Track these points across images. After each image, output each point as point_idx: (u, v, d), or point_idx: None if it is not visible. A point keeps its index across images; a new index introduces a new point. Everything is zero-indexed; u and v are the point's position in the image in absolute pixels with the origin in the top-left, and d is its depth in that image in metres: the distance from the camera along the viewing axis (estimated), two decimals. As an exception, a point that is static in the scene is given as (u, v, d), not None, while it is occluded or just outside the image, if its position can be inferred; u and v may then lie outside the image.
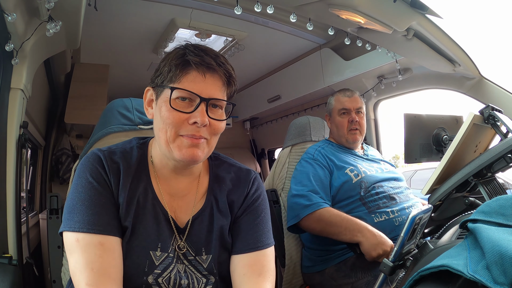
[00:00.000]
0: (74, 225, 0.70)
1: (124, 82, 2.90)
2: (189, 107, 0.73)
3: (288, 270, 1.59)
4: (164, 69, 0.75)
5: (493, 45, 35.94)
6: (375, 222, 1.40)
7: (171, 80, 0.74)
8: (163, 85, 0.75)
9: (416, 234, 0.74)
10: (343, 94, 1.71)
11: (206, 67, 0.73)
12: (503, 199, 0.56)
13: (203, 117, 0.72)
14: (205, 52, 0.75)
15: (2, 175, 1.17)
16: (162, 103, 0.75)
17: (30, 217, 1.91)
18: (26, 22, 1.20)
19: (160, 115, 0.75)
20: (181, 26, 1.92)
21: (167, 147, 0.75)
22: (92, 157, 0.78)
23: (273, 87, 2.87)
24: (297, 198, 1.47)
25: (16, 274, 1.08)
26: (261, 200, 0.88)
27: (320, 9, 1.29)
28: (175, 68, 0.73)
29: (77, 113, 2.36)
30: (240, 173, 0.90)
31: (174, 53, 0.75)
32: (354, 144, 1.66)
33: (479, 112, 1.12)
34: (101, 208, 0.73)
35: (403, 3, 1.25)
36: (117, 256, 0.72)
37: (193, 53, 0.73)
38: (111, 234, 0.72)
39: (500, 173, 1.03)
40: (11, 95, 1.23)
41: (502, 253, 0.44)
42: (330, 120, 1.73)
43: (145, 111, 0.83)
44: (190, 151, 0.74)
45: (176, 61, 0.73)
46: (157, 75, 0.77)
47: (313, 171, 1.53)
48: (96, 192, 0.74)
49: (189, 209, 0.83)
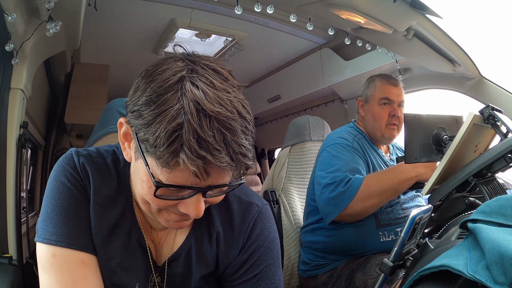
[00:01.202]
0: (50, 237, 0.58)
1: (124, 82, 2.90)
2: (178, 191, 0.54)
3: (286, 270, 1.59)
4: (148, 135, 0.49)
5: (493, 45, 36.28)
6: (381, 241, 1.30)
7: (155, 157, 0.49)
8: (145, 153, 0.51)
9: (416, 234, 0.73)
10: (387, 80, 1.48)
11: (211, 167, 0.49)
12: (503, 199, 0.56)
13: (197, 210, 0.54)
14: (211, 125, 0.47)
15: (2, 175, 1.17)
16: (143, 175, 0.54)
17: (30, 217, 1.91)
18: (26, 22, 1.20)
19: (139, 181, 0.56)
20: (181, 26, 1.92)
21: (150, 214, 0.60)
22: (66, 159, 0.65)
23: (273, 87, 2.87)
24: (331, 186, 1.27)
25: (16, 274, 1.08)
26: (265, 248, 0.67)
27: (320, 9, 1.29)
28: (166, 156, 0.48)
29: (77, 113, 2.36)
30: (238, 209, 0.68)
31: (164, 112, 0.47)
32: (390, 141, 1.49)
33: (479, 112, 1.12)
34: (80, 222, 0.60)
35: (403, 3, 1.25)
36: (100, 278, 0.61)
37: (195, 140, 0.46)
38: (93, 253, 0.61)
39: (500, 173, 1.03)
40: (11, 95, 1.23)
41: (502, 253, 0.44)
42: (365, 107, 1.51)
43: (121, 145, 0.60)
44: (178, 224, 0.59)
45: (166, 146, 0.47)
46: (135, 120, 0.51)
47: (352, 158, 1.34)
48: (75, 200, 0.61)
49: (168, 244, 0.68)
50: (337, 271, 1.38)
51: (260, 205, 0.70)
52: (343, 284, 1.35)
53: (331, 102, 2.67)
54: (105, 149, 0.69)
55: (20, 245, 1.23)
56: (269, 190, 1.70)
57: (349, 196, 1.23)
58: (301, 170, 1.77)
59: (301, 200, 1.74)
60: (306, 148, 1.78)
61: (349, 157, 1.35)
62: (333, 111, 2.66)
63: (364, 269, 1.30)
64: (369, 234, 1.32)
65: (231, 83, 0.53)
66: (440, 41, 1.45)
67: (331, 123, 1.99)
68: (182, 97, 0.48)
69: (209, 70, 0.52)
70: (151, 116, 0.48)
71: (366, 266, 1.31)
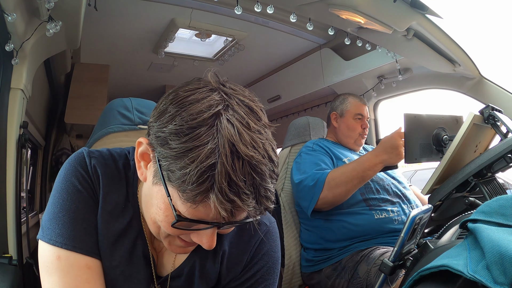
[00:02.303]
0: (56, 238, 0.57)
1: (124, 82, 2.90)
2: (195, 224, 0.52)
3: (287, 270, 1.59)
4: (175, 168, 0.47)
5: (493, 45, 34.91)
6: (375, 218, 1.41)
7: (179, 191, 0.48)
8: (168, 182, 0.50)
9: (416, 234, 0.73)
10: (359, 99, 1.76)
11: (237, 209, 0.48)
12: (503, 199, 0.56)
13: (209, 242, 0.53)
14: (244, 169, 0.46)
15: (2, 175, 1.17)
16: (160, 203, 0.53)
17: (30, 217, 1.91)
18: (26, 22, 1.20)
19: (155, 208, 0.54)
20: (181, 26, 1.92)
21: (156, 236, 0.60)
22: (77, 158, 0.63)
23: (273, 87, 2.87)
24: (302, 184, 1.47)
25: (16, 274, 1.08)
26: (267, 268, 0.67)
27: (320, 9, 1.29)
28: (193, 194, 0.46)
29: (77, 113, 2.36)
30: (244, 228, 0.67)
31: (197, 149, 0.45)
32: (359, 147, 1.73)
33: (479, 112, 1.12)
34: (88, 225, 0.60)
35: (403, 3, 1.25)
36: (103, 284, 0.60)
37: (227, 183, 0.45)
38: (98, 258, 0.60)
39: (500, 173, 1.03)
40: (11, 95, 1.23)
41: (502, 253, 0.44)
42: (339, 120, 1.74)
43: (136, 163, 0.58)
44: (182, 250, 0.60)
45: (196, 184, 0.45)
46: (161, 147, 0.49)
47: (314, 158, 1.53)
48: (84, 203, 0.60)
49: (171, 255, 0.67)
50: (342, 263, 1.41)
51: (268, 224, 0.69)
52: (347, 276, 1.36)
53: (331, 102, 2.67)
54: (117, 151, 0.67)
55: (20, 245, 1.23)
56: (269, 190, 1.70)
57: (318, 189, 1.39)
58: (301, 170, 1.77)
59: (301, 200, 1.74)
60: (306, 148, 1.78)
61: (310, 159, 1.54)
62: (333, 111, 2.66)
63: (367, 260, 1.32)
64: (364, 214, 1.42)
65: (264, 123, 0.51)
66: (440, 41, 1.45)
67: (331, 123, 1.99)
68: (217, 135, 0.46)
69: (244, 107, 0.50)
70: (181, 150, 0.46)
71: (369, 257, 1.33)
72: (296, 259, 1.61)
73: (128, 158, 0.67)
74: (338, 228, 1.44)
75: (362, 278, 1.30)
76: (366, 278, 1.28)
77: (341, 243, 1.44)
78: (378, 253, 1.32)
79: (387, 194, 1.49)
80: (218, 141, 0.45)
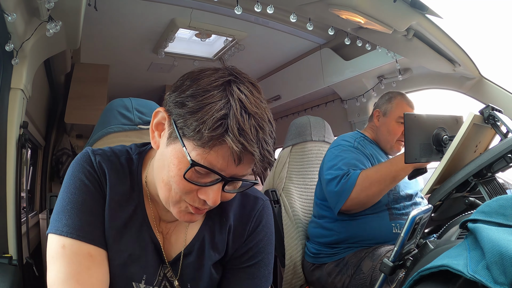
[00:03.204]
0: (62, 229, 0.62)
1: (124, 82, 2.90)
2: (204, 178, 0.60)
3: (288, 270, 1.59)
4: (191, 121, 0.56)
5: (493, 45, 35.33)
6: (393, 232, 1.39)
7: (195, 143, 0.56)
8: (182, 135, 0.58)
9: (416, 234, 0.73)
10: (407, 102, 1.61)
11: (245, 153, 0.56)
12: (503, 199, 0.56)
13: (215, 197, 0.60)
14: (251, 124, 0.56)
15: (2, 175, 1.17)
16: (173, 157, 0.60)
17: (30, 217, 1.91)
18: (26, 22, 1.20)
19: (167, 167, 0.61)
20: (181, 26, 1.92)
21: (166, 202, 0.65)
22: (84, 156, 0.69)
23: (273, 87, 2.87)
24: (335, 180, 1.41)
25: (16, 274, 1.08)
26: (266, 240, 0.77)
27: (320, 9, 1.29)
28: (208, 139, 0.55)
29: (77, 113, 2.36)
30: (245, 202, 0.77)
31: (213, 105, 0.55)
32: (395, 153, 1.63)
33: (479, 112, 1.12)
34: (93, 217, 0.65)
35: (403, 3, 1.25)
36: (106, 272, 0.65)
37: (237, 131, 0.55)
38: (102, 247, 0.65)
39: (500, 173, 1.03)
40: (11, 95, 1.23)
41: (502, 253, 0.44)
42: (381, 120, 1.63)
43: (150, 133, 0.66)
44: (189, 216, 0.65)
45: (211, 129, 0.54)
46: (178, 109, 0.59)
47: (353, 157, 1.46)
48: (91, 196, 0.66)
49: (181, 238, 0.74)
50: (345, 259, 1.41)
51: (264, 200, 0.79)
52: (350, 272, 1.36)
53: (331, 102, 2.67)
54: (118, 149, 0.74)
55: (20, 245, 1.23)
56: (270, 190, 1.70)
57: (349, 187, 1.35)
58: (302, 170, 1.77)
59: (302, 200, 1.74)
60: (307, 148, 1.78)
61: (349, 155, 1.47)
62: (333, 111, 2.66)
63: (372, 256, 1.32)
64: (382, 225, 1.40)
65: (263, 96, 0.62)
66: (440, 41, 1.45)
67: (331, 123, 1.99)
68: (228, 95, 0.57)
69: (248, 82, 0.61)
70: (197, 106, 0.56)
71: (374, 254, 1.33)
72: (297, 259, 1.61)
73: (130, 153, 0.74)
74: (352, 231, 1.43)
75: (367, 274, 1.30)
76: (371, 274, 1.28)
77: (349, 244, 1.44)
78: (384, 250, 1.32)
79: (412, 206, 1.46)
80: (229, 99, 0.56)
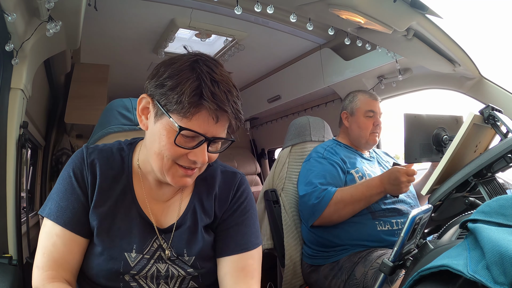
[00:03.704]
0: (45, 211, 0.77)
1: (124, 82, 2.90)
2: (191, 142, 0.72)
3: (287, 270, 1.59)
4: (172, 96, 0.68)
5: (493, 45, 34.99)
6: (378, 230, 1.40)
7: (179, 113, 0.69)
8: (167, 110, 0.70)
9: (416, 234, 0.74)
10: (369, 95, 1.69)
11: (220, 112, 0.70)
12: (503, 199, 0.56)
13: (203, 157, 0.73)
14: (220, 89, 0.69)
15: (2, 175, 1.17)
16: (163, 130, 0.71)
17: (30, 217, 1.91)
18: (26, 22, 1.20)
19: (159, 141, 0.72)
20: (181, 26, 1.92)
21: (160, 172, 0.76)
22: (78, 152, 0.82)
23: (273, 87, 2.87)
24: (305, 197, 1.47)
25: (16, 274, 1.08)
26: (247, 202, 0.89)
27: (320, 9, 1.29)
28: (188, 106, 0.67)
29: (77, 113, 2.35)
30: (226, 176, 0.91)
31: (187, 81, 0.68)
32: (372, 146, 1.68)
33: (479, 112, 1.12)
34: (68, 203, 0.77)
35: (403, 3, 1.25)
36: (72, 251, 0.76)
37: (210, 94, 0.67)
38: (71, 230, 0.76)
39: (500, 173, 1.03)
40: (11, 95, 1.23)
41: (502, 253, 0.44)
42: (350, 120, 1.69)
43: (137, 118, 0.78)
44: (183, 180, 0.76)
45: (190, 98, 0.67)
46: (159, 91, 0.71)
47: (322, 169, 1.51)
48: (71, 187, 0.78)
49: (174, 212, 0.84)
50: (339, 263, 1.41)
51: (241, 173, 0.93)
52: (344, 277, 1.37)
53: (331, 102, 2.67)
54: (111, 143, 0.88)
55: (20, 245, 1.23)
56: (270, 190, 1.70)
57: (321, 207, 1.41)
58: (301, 170, 1.77)
59: (301, 200, 1.73)
60: (306, 148, 1.78)
61: (318, 167, 1.53)
62: (333, 111, 2.66)
63: (365, 262, 1.33)
64: (366, 225, 1.42)
65: (224, 68, 0.76)
66: (440, 41, 1.45)
67: (331, 123, 1.99)
68: (198, 70, 0.69)
69: (210, 59, 0.74)
70: (175, 83, 0.69)
71: (367, 259, 1.33)
72: (297, 259, 1.61)
73: (121, 144, 0.87)
74: (338, 234, 1.45)
75: (359, 280, 1.30)
76: (362, 280, 1.28)
77: (340, 246, 1.44)
78: (376, 255, 1.32)
79: (397, 203, 1.48)
80: (199, 73, 0.69)
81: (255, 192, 3.09)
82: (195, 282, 0.81)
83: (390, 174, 1.37)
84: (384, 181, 1.37)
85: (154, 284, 0.78)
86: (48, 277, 0.73)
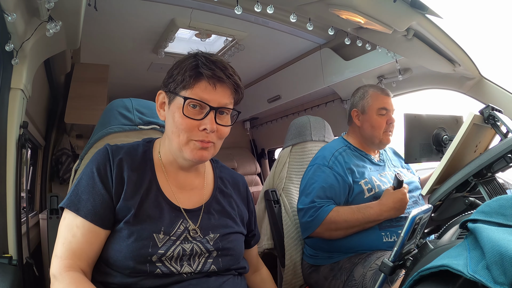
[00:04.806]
0: (66, 202, 0.83)
1: (124, 82, 2.90)
2: (199, 114, 0.83)
3: (288, 270, 1.59)
4: (178, 78, 0.83)
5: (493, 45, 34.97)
6: (383, 241, 1.37)
7: (184, 87, 0.83)
8: (176, 92, 0.84)
9: (416, 234, 0.74)
10: (381, 91, 1.57)
11: (217, 79, 0.82)
12: (503, 199, 0.56)
13: (212, 124, 0.83)
14: (215, 64, 0.83)
15: (2, 175, 1.17)
16: (175, 109, 0.84)
17: (30, 217, 1.90)
18: (26, 22, 1.20)
19: (173, 120, 0.85)
20: (181, 26, 1.92)
21: (178, 148, 0.86)
22: (102, 151, 0.89)
23: (273, 87, 2.87)
24: (302, 213, 1.45)
25: (16, 274, 1.07)
26: (253, 202, 1.08)
27: (320, 9, 1.29)
28: (189, 78, 0.82)
29: (77, 113, 2.35)
30: (235, 178, 1.06)
31: (187, 63, 0.83)
32: (385, 145, 1.59)
33: (479, 112, 1.12)
34: (89, 196, 0.82)
35: (403, 3, 1.25)
36: (91, 242, 0.80)
37: (205, 65, 0.81)
38: (91, 221, 0.80)
39: (500, 173, 1.03)
40: (11, 95, 1.23)
41: (502, 253, 0.44)
42: (361, 118, 1.57)
43: (157, 113, 0.91)
44: (200, 153, 0.85)
45: (189, 72, 0.82)
46: (169, 81, 0.86)
47: (324, 180, 1.44)
48: (93, 182, 0.83)
49: (199, 198, 0.94)
50: (339, 264, 1.40)
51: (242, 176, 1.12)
52: (343, 278, 1.36)
53: (331, 102, 2.67)
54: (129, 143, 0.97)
55: (20, 245, 1.23)
56: (270, 190, 1.70)
57: (314, 225, 1.38)
58: (302, 170, 1.77)
59: (301, 200, 1.73)
60: (307, 148, 1.78)
61: (322, 178, 1.45)
62: (333, 111, 2.66)
63: (364, 263, 1.32)
64: (372, 234, 1.37)
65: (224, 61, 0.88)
66: (440, 41, 1.45)
67: (331, 123, 1.99)
68: (197, 56, 0.84)
69: (207, 54, 0.87)
70: (178, 70, 0.84)
71: (366, 260, 1.32)
72: (297, 259, 1.61)
73: (139, 142, 0.96)
74: (339, 243, 1.41)
75: (358, 281, 1.29)
76: (361, 281, 1.27)
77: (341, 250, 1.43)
78: (375, 257, 1.31)
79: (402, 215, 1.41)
80: (198, 58, 0.84)
81: (255, 192, 3.09)
82: (215, 265, 0.88)
83: (394, 203, 1.32)
84: (383, 210, 1.32)
85: (178, 265, 0.83)
86: (65, 266, 0.77)
